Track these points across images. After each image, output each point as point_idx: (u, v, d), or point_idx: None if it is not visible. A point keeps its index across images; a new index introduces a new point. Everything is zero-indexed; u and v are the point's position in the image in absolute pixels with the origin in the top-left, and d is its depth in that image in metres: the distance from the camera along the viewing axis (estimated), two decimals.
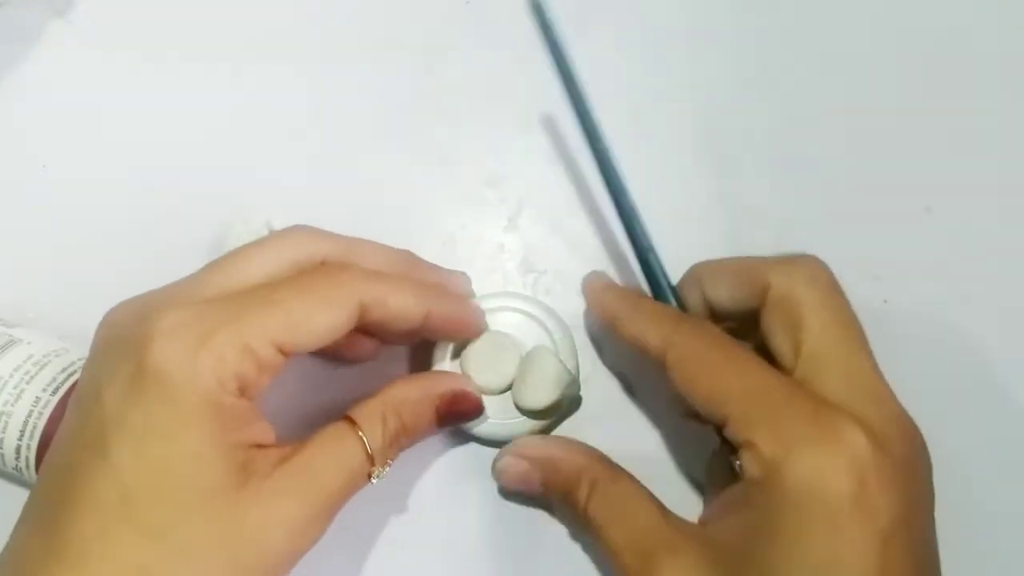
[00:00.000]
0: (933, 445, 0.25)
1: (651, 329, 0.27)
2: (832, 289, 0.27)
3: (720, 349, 0.26)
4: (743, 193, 0.37)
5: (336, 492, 0.25)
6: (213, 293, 0.25)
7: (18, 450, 0.29)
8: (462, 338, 0.32)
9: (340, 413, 0.27)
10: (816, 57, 0.39)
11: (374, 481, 0.26)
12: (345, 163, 0.38)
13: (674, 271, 0.31)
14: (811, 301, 0.26)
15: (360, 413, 0.27)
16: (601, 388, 0.33)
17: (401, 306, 0.27)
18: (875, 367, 0.26)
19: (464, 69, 0.39)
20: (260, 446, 0.24)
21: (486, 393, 0.31)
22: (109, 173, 0.37)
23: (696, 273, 0.30)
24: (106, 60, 0.39)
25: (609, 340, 0.33)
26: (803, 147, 0.38)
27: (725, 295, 0.29)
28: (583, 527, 0.28)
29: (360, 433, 0.26)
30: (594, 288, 0.32)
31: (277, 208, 0.34)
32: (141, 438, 0.22)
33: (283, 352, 0.24)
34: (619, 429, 0.32)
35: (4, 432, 0.29)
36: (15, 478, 0.31)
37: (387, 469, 0.27)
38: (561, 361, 0.31)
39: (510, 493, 0.31)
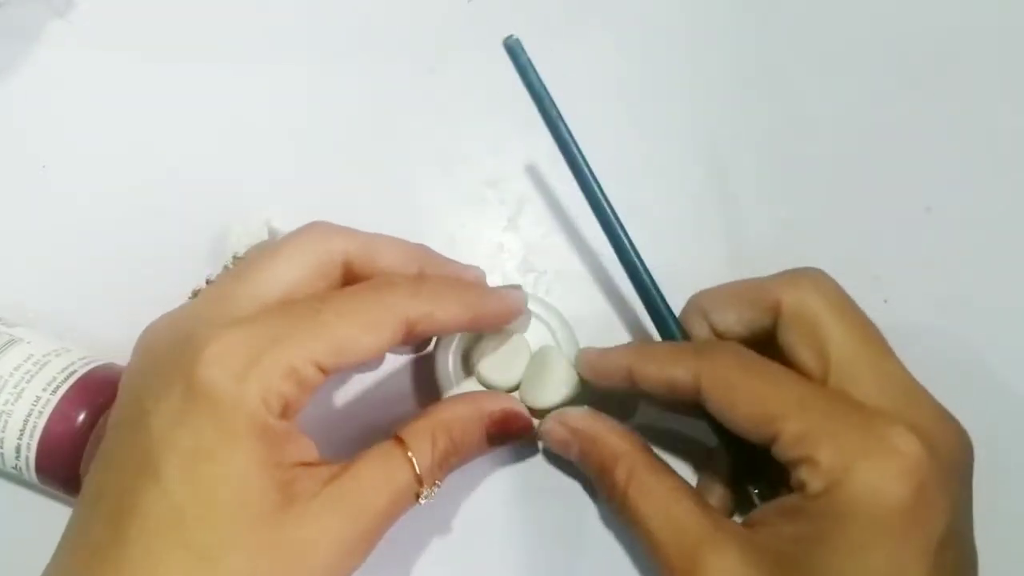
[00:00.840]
0: None
1: (675, 364, 0.27)
2: (843, 297, 0.27)
3: (753, 368, 0.26)
4: (743, 193, 0.37)
5: (383, 511, 0.24)
6: (250, 309, 0.25)
7: (18, 449, 0.29)
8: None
9: (380, 433, 0.26)
10: (816, 57, 0.39)
11: (422, 502, 0.26)
12: (345, 163, 0.38)
13: (673, 272, 0.31)
14: (827, 311, 0.26)
15: (409, 432, 0.26)
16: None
17: (449, 318, 0.27)
18: (904, 368, 0.26)
19: (464, 69, 0.39)
20: (305, 464, 0.24)
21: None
22: (109, 173, 0.37)
23: (696, 303, 0.30)
24: (106, 60, 0.39)
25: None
26: (803, 147, 0.38)
27: (734, 319, 0.28)
28: (620, 509, 0.28)
29: (408, 452, 0.25)
30: (591, 358, 0.30)
31: (277, 208, 0.35)
32: (191, 460, 0.22)
33: (323, 371, 0.24)
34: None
35: (4, 431, 0.29)
36: (15, 477, 0.31)
37: (436, 490, 0.26)
38: (569, 362, 0.31)
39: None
